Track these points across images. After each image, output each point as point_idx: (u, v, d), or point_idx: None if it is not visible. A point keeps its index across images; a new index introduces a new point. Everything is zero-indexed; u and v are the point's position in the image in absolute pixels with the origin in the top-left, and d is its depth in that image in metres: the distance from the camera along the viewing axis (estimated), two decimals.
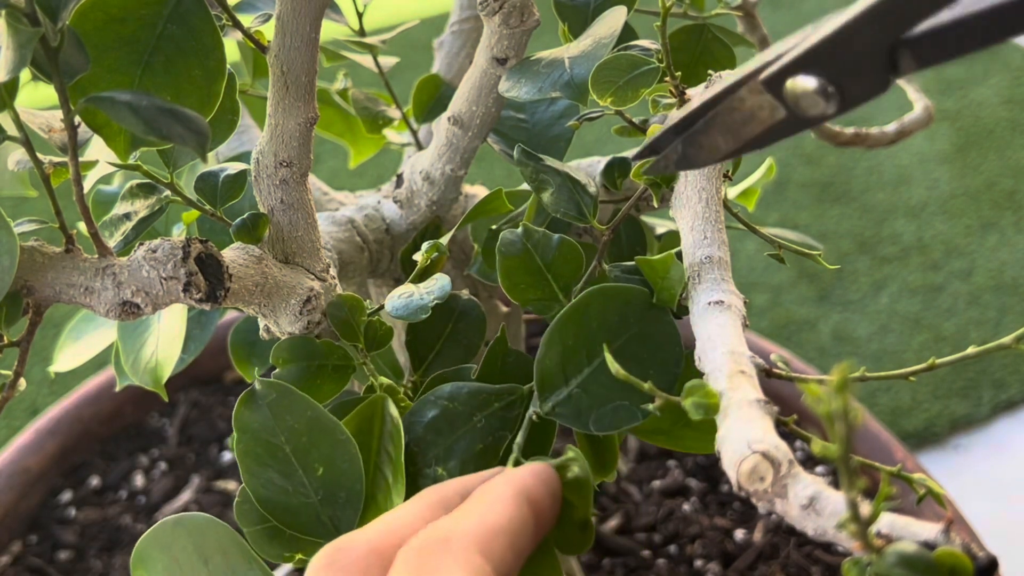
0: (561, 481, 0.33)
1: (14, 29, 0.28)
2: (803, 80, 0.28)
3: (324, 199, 0.53)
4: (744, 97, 0.29)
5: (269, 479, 0.36)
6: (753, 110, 0.29)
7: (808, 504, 0.26)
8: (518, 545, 0.30)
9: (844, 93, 0.28)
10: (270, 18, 0.38)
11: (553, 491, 0.33)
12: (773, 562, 0.69)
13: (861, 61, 0.27)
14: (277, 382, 0.37)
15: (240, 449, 0.36)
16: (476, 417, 0.37)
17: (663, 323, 0.35)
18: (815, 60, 0.28)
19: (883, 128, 0.50)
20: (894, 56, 0.27)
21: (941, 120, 1.35)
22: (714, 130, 0.31)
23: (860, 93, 0.28)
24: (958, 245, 1.17)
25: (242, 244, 0.38)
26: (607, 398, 0.35)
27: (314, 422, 0.36)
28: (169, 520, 0.36)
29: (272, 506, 0.36)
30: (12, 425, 0.99)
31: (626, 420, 0.35)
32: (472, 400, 0.37)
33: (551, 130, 0.46)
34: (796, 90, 0.28)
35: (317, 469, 0.36)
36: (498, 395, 0.37)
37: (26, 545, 0.75)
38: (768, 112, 0.29)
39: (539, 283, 0.38)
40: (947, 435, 0.98)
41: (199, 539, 0.35)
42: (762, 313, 1.10)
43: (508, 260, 0.38)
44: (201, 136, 0.30)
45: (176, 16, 0.35)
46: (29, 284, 0.34)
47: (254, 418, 0.36)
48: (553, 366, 0.36)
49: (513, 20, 0.39)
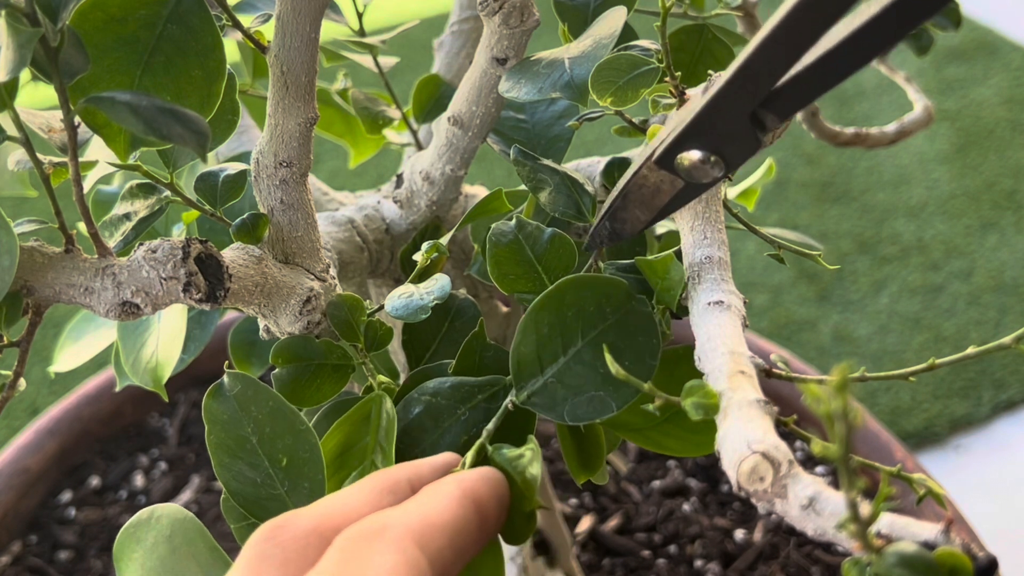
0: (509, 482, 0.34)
1: (14, 29, 0.28)
2: (688, 154, 0.32)
3: (324, 199, 0.53)
4: (646, 175, 0.34)
5: (239, 471, 0.36)
6: (657, 184, 0.34)
7: (808, 504, 0.26)
8: (458, 544, 0.30)
9: (725, 159, 0.32)
10: (270, 18, 0.38)
11: (500, 496, 0.33)
12: (773, 562, 0.69)
13: (732, 129, 0.31)
14: (242, 374, 0.37)
15: (212, 441, 0.36)
16: (460, 410, 0.37)
17: (640, 315, 0.35)
18: (694, 136, 0.32)
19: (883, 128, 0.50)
20: (758, 118, 0.30)
21: (941, 120, 1.35)
22: (632, 205, 0.35)
23: (738, 156, 0.32)
24: (958, 245, 1.17)
25: (242, 244, 0.38)
26: (582, 388, 0.35)
27: (276, 412, 0.36)
28: (143, 513, 0.36)
29: (244, 499, 0.36)
30: (12, 425, 0.99)
31: (600, 411, 0.35)
32: (455, 394, 0.37)
33: (551, 130, 0.46)
34: (685, 163, 0.32)
35: (281, 460, 0.36)
36: (481, 387, 0.37)
37: (26, 545, 0.75)
38: (670, 184, 0.34)
39: (529, 274, 0.38)
40: (947, 435, 0.98)
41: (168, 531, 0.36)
42: (762, 313, 1.10)
43: (499, 250, 0.38)
44: (201, 136, 0.30)
45: (176, 16, 0.35)
46: (29, 284, 0.34)
47: (222, 410, 0.36)
48: (529, 354, 0.35)
49: (513, 20, 0.39)
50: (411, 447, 0.37)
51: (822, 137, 0.51)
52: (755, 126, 0.31)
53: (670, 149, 0.32)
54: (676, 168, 0.33)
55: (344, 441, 0.38)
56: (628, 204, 0.35)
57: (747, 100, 0.30)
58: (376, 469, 0.38)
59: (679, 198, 0.34)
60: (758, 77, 0.29)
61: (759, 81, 0.29)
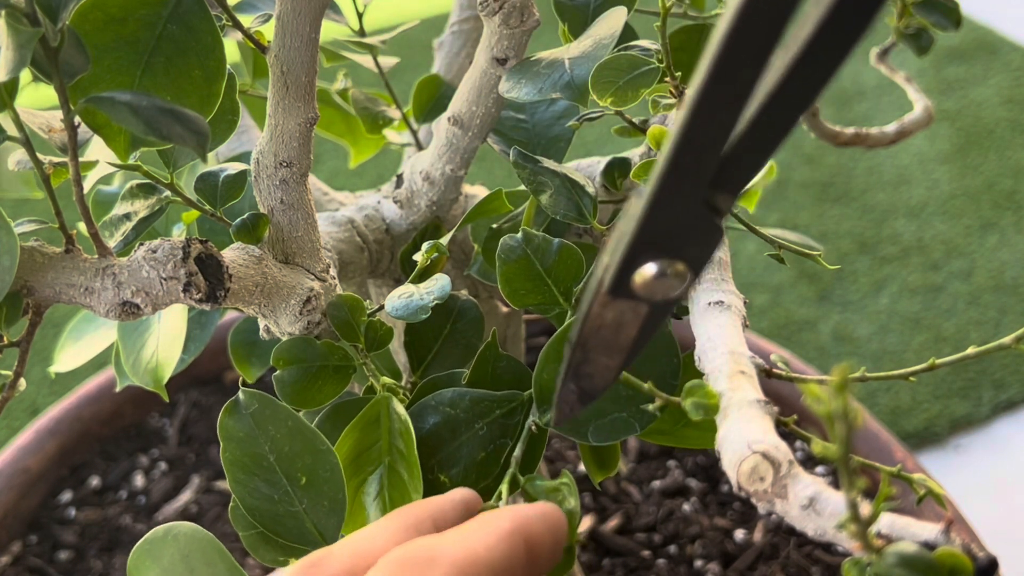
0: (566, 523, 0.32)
1: (14, 29, 0.28)
2: (644, 270, 0.27)
3: (324, 199, 0.53)
4: (600, 312, 0.28)
5: (256, 487, 0.36)
6: (618, 318, 0.28)
7: (808, 504, 0.26)
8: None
9: (689, 261, 0.27)
10: (270, 18, 0.38)
11: (557, 535, 0.32)
12: (773, 562, 0.69)
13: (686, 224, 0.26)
14: (259, 392, 0.37)
15: (227, 458, 0.36)
16: (478, 424, 0.37)
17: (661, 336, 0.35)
18: (644, 246, 0.26)
19: (883, 128, 0.50)
20: (710, 202, 0.26)
21: (941, 120, 1.35)
22: (594, 354, 0.30)
23: (702, 255, 0.27)
24: (958, 245, 1.17)
25: (242, 244, 0.38)
26: (605, 410, 0.35)
27: (295, 432, 0.36)
28: (160, 530, 0.36)
29: (260, 514, 0.36)
30: (12, 425, 0.99)
31: (624, 431, 0.35)
32: (475, 408, 0.37)
33: (551, 130, 0.46)
34: (642, 283, 0.27)
35: (300, 479, 0.36)
36: (499, 402, 0.37)
37: (26, 545, 0.75)
38: (632, 313, 0.28)
39: (539, 288, 0.38)
40: (947, 435, 0.98)
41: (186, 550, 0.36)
42: (762, 313, 1.10)
43: (508, 267, 0.38)
44: (201, 136, 0.30)
45: (176, 16, 0.35)
46: (29, 284, 0.34)
47: (238, 427, 0.36)
48: (551, 380, 0.36)
49: (513, 20, 0.39)
50: (427, 457, 0.37)
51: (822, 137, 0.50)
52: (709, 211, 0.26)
53: (620, 272, 0.27)
54: (633, 293, 0.27)
55: (355, 446, 0.38)
56: (589, 354, 0.30)
57: (696, 183, 0.25)
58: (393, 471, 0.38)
59: (648, 326, 0.29)
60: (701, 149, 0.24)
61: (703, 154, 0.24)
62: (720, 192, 0.25)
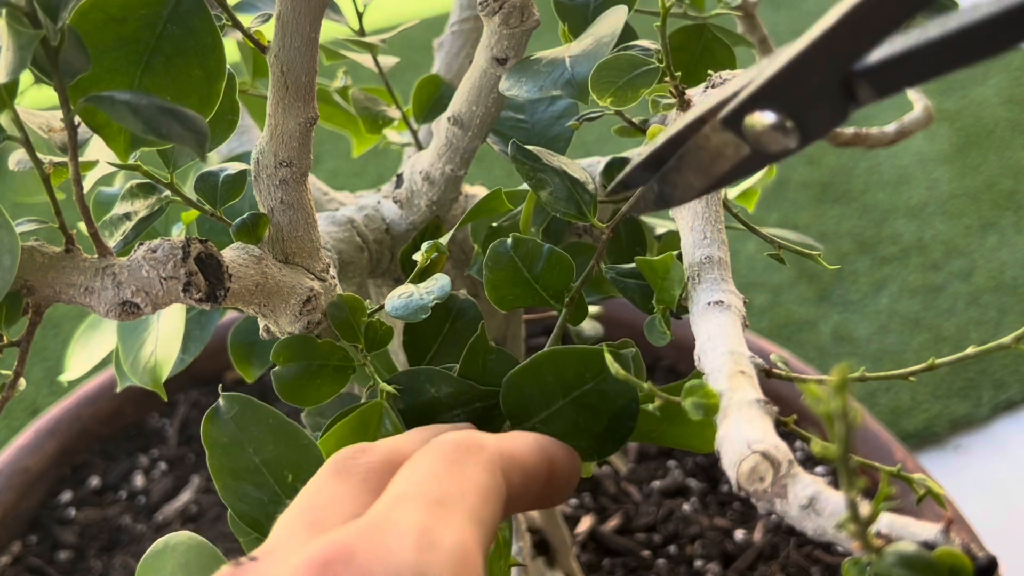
0: None
1: (15, 31, 0.28)
2: (761, 116, 0.27)
3: (324, 199, 0.53)
4: (708, 135, 0.29)
5: (245, 492, 0.36)
6: (719, 148, 0.29)
7: (808, 504, 0.26)
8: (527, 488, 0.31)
9: (803, 127, 0.27)
10: (270, 18, 0.38)
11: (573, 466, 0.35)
12: (773, 562, 0.69)
13: (816, 93, 0.26)
14: (239, 395, 0.37)
15: (214, 465, 0.36)
16: (456, 411, 0.38)
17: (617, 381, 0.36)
18: (771, 95, 0.27)
19: (883, 128, 0.50)
20: (850, 86, 0.26)
21: (941, 120, 1.35)
22: (686, 168, 0.31)
23: (819, 126, 0.27)
24: (958, 245, 1.17)
25: (242, 244, 0.38)
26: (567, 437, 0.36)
27: (278, 430, 0.36)
28: (159, 544, 0.36)
29: (252, 520, 0.36)
30: (12, 425, 0.99)
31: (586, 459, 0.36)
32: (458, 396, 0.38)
33: (551, 130, 0.46)
34: (755, 127, 0.28)
35: (287, 476, 0.36)
36: (481, 397, 0.38)
37: (26, 545, 0.75)
38: (733, 149, 0.29)
39: (527, 293, 0.39)
40: (947, 435, 0.98)
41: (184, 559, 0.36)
42: (762, 313, 1.10)
43: (496, 274, 0.39)
44: (201, 136, 0.30)
45: (176, 16, 0.35)
46: (29, 284, 0.34)
47: (221, 433, 0.36)
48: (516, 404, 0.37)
49: (513, 20, 0.39)
50: None
51: None
52: (845, 93, 0.26)
53: (741, 108, 0.28)
54: (744, 131, 0.28)
55: (341, 443, 0.38)
56: (683, 167, 0.31)
57: (842, 58, 0.25)
58: None
59: (741, 168, 0.29)
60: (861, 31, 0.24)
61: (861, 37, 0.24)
62: (865, 82, 0.26)
